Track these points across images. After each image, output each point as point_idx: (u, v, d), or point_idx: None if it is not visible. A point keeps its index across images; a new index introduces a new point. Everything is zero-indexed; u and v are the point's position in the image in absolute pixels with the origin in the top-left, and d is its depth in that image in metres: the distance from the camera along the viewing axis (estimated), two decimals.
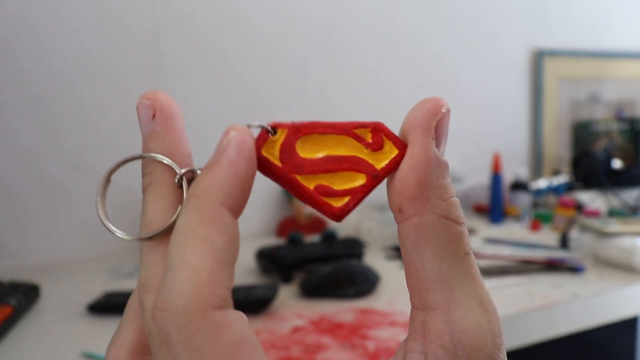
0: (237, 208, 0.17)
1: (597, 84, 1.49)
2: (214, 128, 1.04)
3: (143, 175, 0.20)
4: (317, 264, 0.76)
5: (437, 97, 0.20)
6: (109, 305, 0.66)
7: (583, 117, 1.47)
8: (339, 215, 0.19)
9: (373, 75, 1.21)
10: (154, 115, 0.19)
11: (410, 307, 0.19)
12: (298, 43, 1.12)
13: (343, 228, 1.05)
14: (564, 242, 0.93)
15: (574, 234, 0.95)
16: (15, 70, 0.90)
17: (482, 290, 0.19)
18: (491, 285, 0.75)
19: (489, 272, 0.79)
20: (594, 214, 1.04)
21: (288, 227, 1.07)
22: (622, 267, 0.80)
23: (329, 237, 0.82)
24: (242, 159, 0.17)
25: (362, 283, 0.71)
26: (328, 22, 1.15)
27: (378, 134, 0.20)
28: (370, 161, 0.20)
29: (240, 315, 0.16)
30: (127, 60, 0.97)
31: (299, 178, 0.19)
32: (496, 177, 1.13)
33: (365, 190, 0.20)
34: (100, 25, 0.95)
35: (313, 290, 0.70)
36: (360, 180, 0.20)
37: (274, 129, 0.19)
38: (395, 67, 1.23)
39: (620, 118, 1.48)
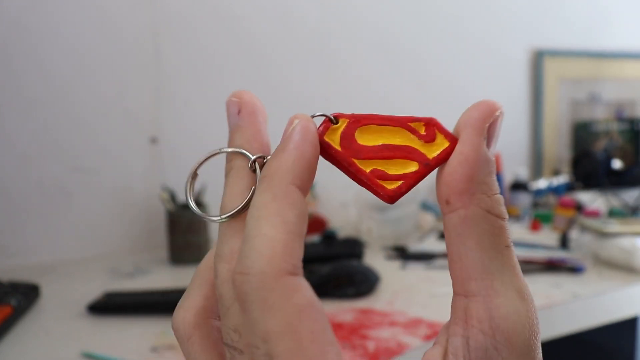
0: (304, 186, 0.19)
1: (597, 84, 1.49)
2: (213, 128, 1.04)
3: (226, 163, 0.22)
4: (317, 264, 0.76)
5: (493, 101, 0.22)
6: (109, 305, 0.66)
7: (583, 117, 1.47)
8: (393, 197, 0.21)
9: (373, 75, 1.21)
10: (239, 111, 0.22)
11: (453, 293, 0.20)
12: (297, 44, 1.12)
13: (343, 228, 1.05)
14: (564, 242, 0.93)
15: (574, 234, 0.95)
16: (15, 71, 0.90)
17: (521, 281, 0.20)
18: None
19: None
20: (594, 214, 1.04)
21: None
22: (622, 267, 0.80)
23: (329, 237, 0.82)
24: (306, 142, 0.19)
25: (362, 283, 0.71)
26: (328, 22, 1.15)
27: (431, 127, 0.22)
28: (423, 151, 0.21)
29: (308, 284, 0.18)
30: (127, 61, 0.97)
31: (356, 162, 0.21)
32: (496, 177, 1.13)
33: (417, 176, 0.21)
34: (99, 26, 0.95)
35: (313, 290, 0.70)
36: (412, 167, 0.21)
37: (336, 118, 0.21)
38: (396, 67, 1.23)
39: (620, 118, 1.48)
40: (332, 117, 0.21)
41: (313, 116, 0.21)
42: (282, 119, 0.22)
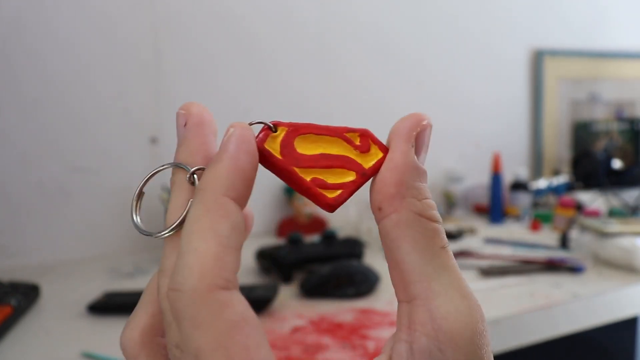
0: (240, 198, 0.19)
1: (597, 84, 1.49)
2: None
3: (170, 178, 0.22)
4: (317, 264, 0.76)
5: (419, 113, 0.22)
6: (109, 305, 0.66)
7: (583, 117, 1.47)
8: (333, 205, 0.22)
9: (372, 75, 1.21)
10: (185, 123, 0.21)
11: (397, 301, 0.20)
12: (297, 45, 1.12)
13: (343, 228, 1.05)
14: (564, 242, 0.93)
15: (574, 234, 0.95)
16: (15, 71, 0.90)
17: (460, 280, 0.20)
18: (491, 285, 0.75)
19: (489, 272, 0.79)
20: (594, 214, 1.04)
21: (288, 227, 1.07)
22: (622, 267, 0.80)
23: (329, 237, 0.82)
24: (241, 152, 0.19)
25: (362, 283, 0.70)
26: (327, 23, 1.15)
27: (365, 138, 0.22)
28: (359, 161, 0.22)
29: (242, 298, 0.18)
30: (127, 61, 0.97)
31: (297, 170, 0.21)
32: (496, 177, 1.13)
33: (355, 185, 0.22)
34: (99, 26, 0.95)
35: (313, 290, 0.70)
36: (350, 177, 0.22)
37: (275, 126, 0.21)
38: (395, 67, 1.23)
39: (620, 118, 1.48)
40: (271, 125, 0.21)
41: (251, 123, 0.21)
42: (281, 119, 0.22)
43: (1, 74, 0.89)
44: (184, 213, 0.20)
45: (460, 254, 0.88)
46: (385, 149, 0.22)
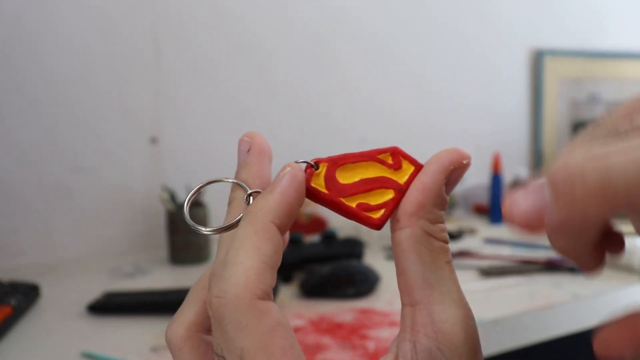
0: (283, 226, 0.22)
1: (597, 84, 1.49)
2: (213, 128, 1.04)
3: (230, 192, 0.25)
4: (317, 264, 0.76)
5: (464, 151, 0.25)
6: (109, 305, 0.66)
7: (583, 117, 1.47)
8: (380, 224, 0.24)
9: (372, 75, 1.21)
10: (249, 150, 0.25)
11: (401, 305, 0.23)
12: (297, 46, 1.12)
13: (343, 228, 1.05)
14: None
15: None
16: (15, 71, 0.90)
17: (458, 291, 0.22)
18: (491, 285, 0.75)
19: (489, 272, 0.79)
20: None
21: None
22: (622, 267, 0.80)
23: (329, 237, 0.82)
24: (292, 189, 0.22)
25: (362, 283, 0.71)
26: (327, 26, 1.15)
27: (397, 156, 0.25)
28: (395, 178, 0.24)
29: (277, 307, 0.20)
30: (127, 61, 0.97)
31: (343, 200, 0.24)
32: (496, 177, 1.13)
33: (395, 202, 0.24)
34: (99, 26, 0.95)
35: (313, 291, 0.70)
36: (389, 195, 0.24)
37: (317, 164, 0.24)
38: (396, 67, 1.23)
39: None
40: (313, 164, 0.24)
41: (296, 162, 0.23)
42: (280, 120, 0.23)
43: (1, 74, 0.89)
44: (236, 219, 0.23)
45: (460, 254, 0.88)
46: (416, 163, 0.25)
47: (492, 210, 1.14)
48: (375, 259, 0.86)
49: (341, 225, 1.07)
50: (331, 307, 0.67)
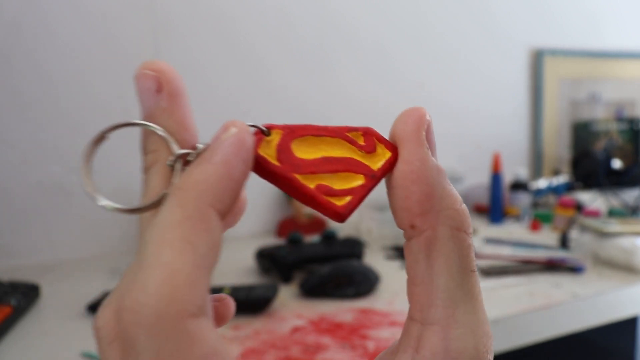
0: (224, 212, 0.16)
1: (597, 84, 1.49)
2: (211, 130, 1.04)
3: (146, 152, 0.18)
4: (317, 264, 0.76)
5: (418, 107, 0.20)
6: None
7: (583, 117, 1.47)
8: (343, 214, 0.19)
9: (372, 75, 1.21)
10: (159, 89, 0.18)
11: (407, 316, 0.19)
12: (294, 49, 1.12)
13: (343, 228, 1.05)
14: (564, 242, 0.93)
15: (574, 234, 0.95)
16: (14, 71, 0.90)
17: (482, 312, 0.18)
18: (491, 285, 0.75)
19: (489, 272, 0.79)
20: (594, 214, 1.04)
21: (288, 227, 1.07)
22: (622, 267, 0.80)
23: (329, 237, 0.82)
24: (238, 159, 0.16)
25: (362, 283, 0.70)
26: (324, 29, 1.15)
27: (370, 137, 0.20)
28: (366, 162, 0.20)
29: (212, 324, 0.15)
30: (127, 61, 0.97)
31: (298, 177, 0.19)
32: (496, 177, 1.13)
33: (365, 190, 0.20)
34: (99, 27, 0.95)
35: (313, 290, 0.70)
36: (359, 181, 0.20)
37: (269, 129, 0.19)
38: (396, 67, 1.23)
39: (620, 118, 1.48)
40: (264, 129, 0.19)
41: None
42: (279, 121, 0.20)
43: (1, 74, 0.89)
44: (159, 197, 0.17)
45: None
46: (392, 148, 0.20)
47: (492, 210, 1.14)
48: (375, 259, 0.86)
49: (341, 226, 1.07)
50: (331, 307, 0.67)
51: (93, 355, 0.54)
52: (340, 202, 0.19)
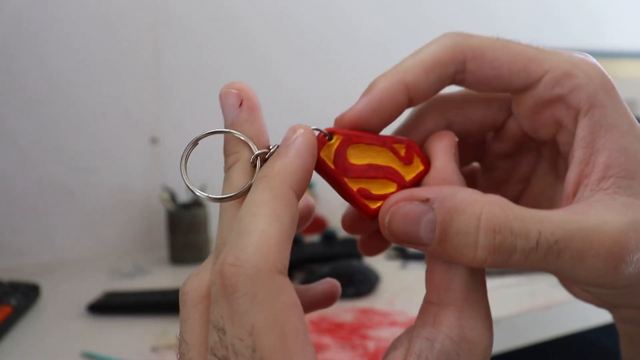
0: (300, 193, 0.20)
1: None
2: (213, 128, 1.04)
3: (229, 154, 0.22)
4: (317, 264, 0.76)
5: (450, 132, 0.24)
6: (109, 305, 0.66)
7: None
8: (375, 216, 0.23)
9: (372, 75, 1.21)
10: (240, 103, 0.22)
11: (424, 301, 0.21)
12: (296, 46, 1.12)
13: None
14: None
15: None
16: (15, 71, 0.90)
17: (487, 301, 0.22)
18: (491, 285, 0.74)
19: (489, 272, 0.78)
20: None
21: None
22: None
23: (329, 237, 0.82)
24: (308, 152, 0.20)
25: (362, 283, 0.70)
26: (326, 26, 1.15)
27: (410, 150, 0.24)
28: (402, 172, 0.23)
29: (292, 285, 0.18)
30: (127, 61, 0.97)
31: (346, 180, 0.22)
32: None
33: None
34: (100, 26, 0.95)
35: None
36: (392, 188, 0.23)
37: (331, 134, 0.23)
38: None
39: None
40: (328, 133, 0.22)
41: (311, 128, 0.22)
42: (280, 120, 0.22)
43: (2, 74, 0.89)
44: (246, 186, 0.20)
45: None
46: (426, 162, 0.23)
47: None
48: (375, 259, 0.86)
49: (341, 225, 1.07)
50: (331, 307, 0.67)
51: (93, 355, 0.54)
52: (374, 205, 0.23)
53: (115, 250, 0.97)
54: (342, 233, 1.00)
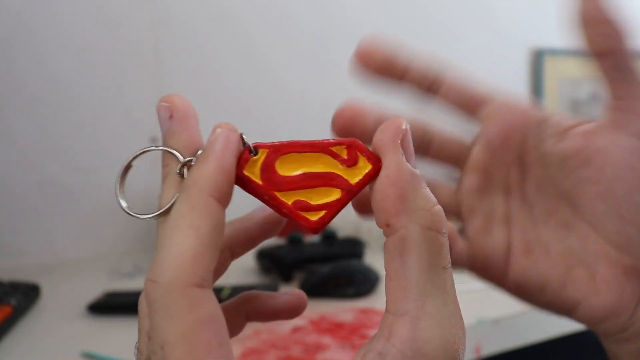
0: (223, 198, 0.19)
1: (597, 84, 1.49)
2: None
3: (163, 167, 0.22)
4: (317, 264, 0.76)
5: (396, 118, 0.22)
6: (109, 305, 0.66)
7: (583, 117, 1.47)
8: (316, 228, 0.21)
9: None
10: (171, 116, 0.22)
11: (385, 310, 0.21)
12: (296, 46, 1.12)
13: (343, 228, 1.05)
14: None
15: None
16: (15, 70, 0.90)
17: (454, 305, 0.20)
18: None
19: None
20: None
21: (288, 227, 1.07)
22: None
23: (329, 237, 0.82)
24: (227, 153, 0.20)
25: (362, 283, 0.71)
26: (327, 26, 1.15)
27: (353, 150, 0.22)
28: (345, 176, 0.21)
29: (214, 297, 0.18)
30: (127, 61, 0.97)
31: (278, 195, 0.21)
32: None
33: (340, 204, 0.21)
34: (100, 26, 0.95)
35: (313, 290, 0.70)
36: (335, 195, 0.21)
37: (256, 149, 0.21)
38: None
39: None
40: (253, 148, 0.21)
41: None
42: (280, 120, 0.22)
43: (2, 73, 0.89)
44: (172, 201, 0.20)
45: None
46: (375, 159, 0.21)
47: None
48: (375, 259, 0.86)
49: (341, 225, 1.07)
50: (331, 307, 0.67)
51: (93, 355, 0.54)
52: (314, 217, 0.21)
53: (115, 250, 0.97)
54: (342, 233, 1.00)
